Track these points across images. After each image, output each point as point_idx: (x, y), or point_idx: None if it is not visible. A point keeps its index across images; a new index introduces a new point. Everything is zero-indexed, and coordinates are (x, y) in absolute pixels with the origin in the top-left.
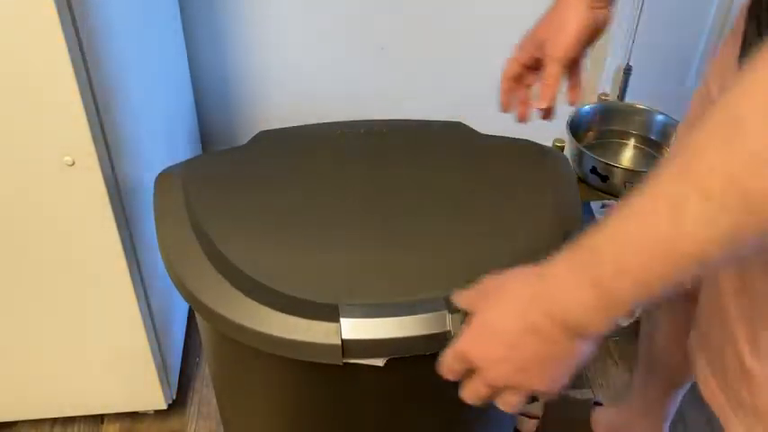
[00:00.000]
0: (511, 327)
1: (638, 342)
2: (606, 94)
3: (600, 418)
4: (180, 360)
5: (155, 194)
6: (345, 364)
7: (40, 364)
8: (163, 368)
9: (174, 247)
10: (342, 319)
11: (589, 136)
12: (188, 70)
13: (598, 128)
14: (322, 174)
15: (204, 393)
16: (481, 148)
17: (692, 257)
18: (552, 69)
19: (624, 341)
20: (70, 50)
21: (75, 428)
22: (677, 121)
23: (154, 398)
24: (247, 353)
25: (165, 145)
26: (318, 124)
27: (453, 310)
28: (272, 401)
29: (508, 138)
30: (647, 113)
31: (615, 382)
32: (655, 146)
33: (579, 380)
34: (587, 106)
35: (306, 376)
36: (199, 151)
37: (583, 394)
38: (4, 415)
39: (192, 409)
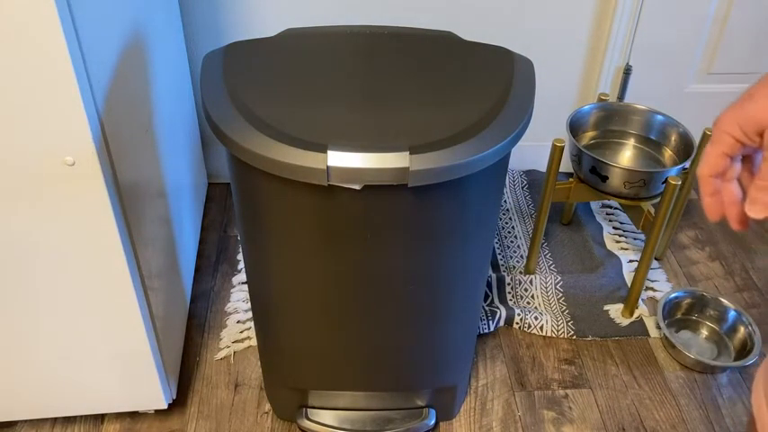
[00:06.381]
0: None
1: None
2: (606, 94)
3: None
4: (180, 360)
5: (202, 67)
6: (330, 185)
7: (40, 364)
8: (163, 368)
9: (212, 102)
10: (329, 152)
11: (589, 136)
12: (188, 70)
13: (598, 128)
14: (330, 58)
15: (204, 393)
16: (462, 48)
17: None
18: None
19: (624, 341)
20: (70, 50)
21: (75, 428)
22: (677, 122)
23: (154, 397)
24: (262, 179)
25: (165, 145)
26: (334, 26)
27: (412, 152)
28: (278, 222)
29: (488, 44)
30: (647, 113)
31: (615, 383)
32: (654, 146)
33: (579, 379)
34: (587, 106)
35: (302, 198)
36: (199, 151)
37: (582, 394)
38: (4, 415)
39: (192, 409)
